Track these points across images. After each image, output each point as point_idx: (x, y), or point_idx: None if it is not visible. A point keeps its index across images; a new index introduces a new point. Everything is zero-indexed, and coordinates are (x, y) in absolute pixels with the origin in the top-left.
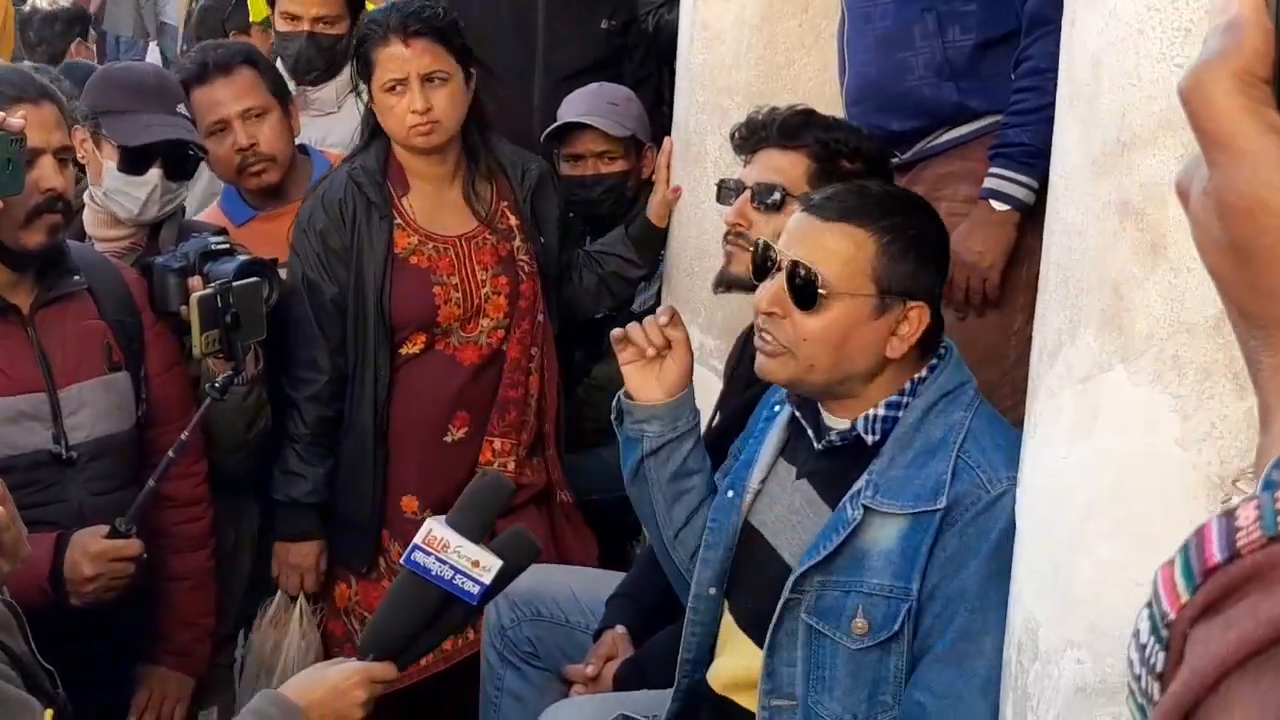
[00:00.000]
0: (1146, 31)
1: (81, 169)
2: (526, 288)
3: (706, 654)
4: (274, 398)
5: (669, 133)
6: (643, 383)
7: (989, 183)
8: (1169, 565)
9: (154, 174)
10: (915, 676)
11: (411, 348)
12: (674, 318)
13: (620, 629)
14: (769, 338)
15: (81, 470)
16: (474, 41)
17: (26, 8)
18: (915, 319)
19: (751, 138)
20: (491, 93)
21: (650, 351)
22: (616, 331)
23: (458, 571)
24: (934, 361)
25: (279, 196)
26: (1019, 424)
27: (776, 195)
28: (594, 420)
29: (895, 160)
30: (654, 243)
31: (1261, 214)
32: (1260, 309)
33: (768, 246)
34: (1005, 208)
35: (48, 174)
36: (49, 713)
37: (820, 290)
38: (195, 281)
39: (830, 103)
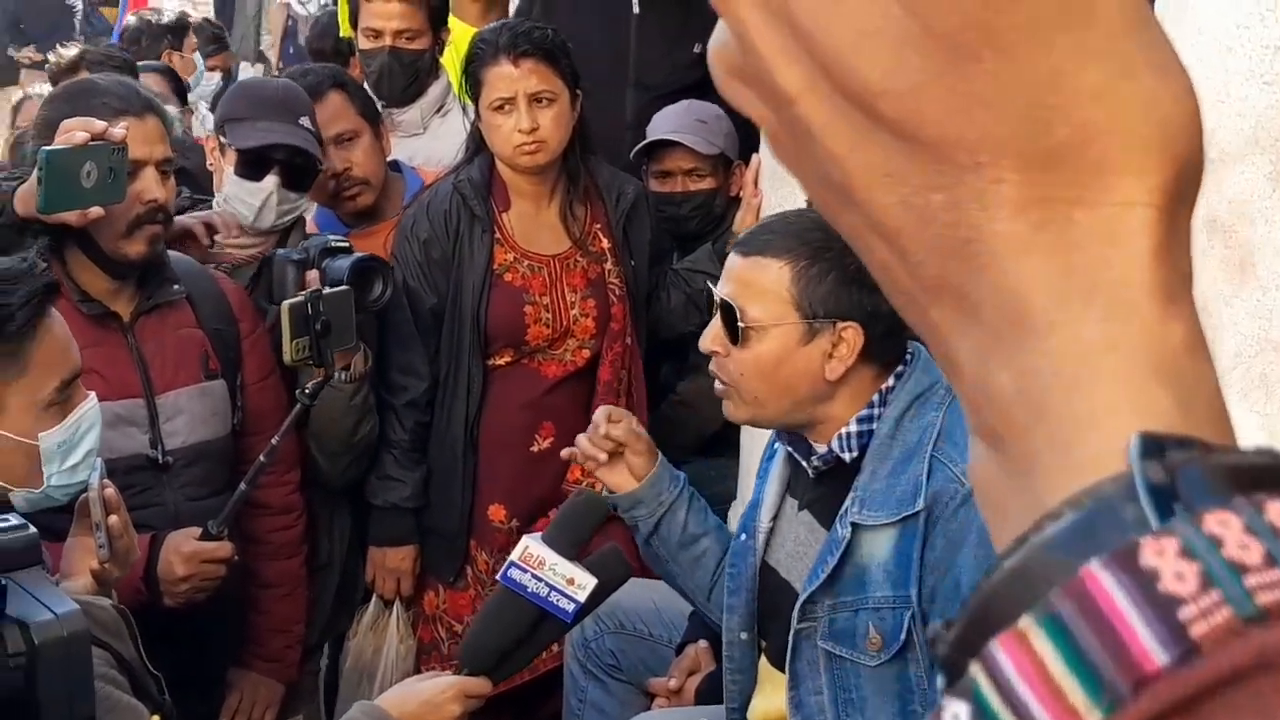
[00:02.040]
0: (1235, 49)
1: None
2: (617, 310)
3: (750, 699)
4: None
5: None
6: (618, 481)
7: None
8: (1023, 648)
9: (270, 181)
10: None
11: (498, 360)
12: (609, 417)
13: (703, 643)
14: (718, 378)
15: (177, 475)
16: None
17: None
18: (850, 339)
19: None
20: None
21: (603, 458)
22: (565, 453)
23: (553, 589)
24: (900, 369)
25: (373, 216)
26: None
27: None
28: (680, 436)
29: None
30: None
31: None
32: (988, 128)
33: (710, 289)
34: None
35: (150, 185)
36: (155, 718)
37: (741, 324)
38: (312, 275)
39: None
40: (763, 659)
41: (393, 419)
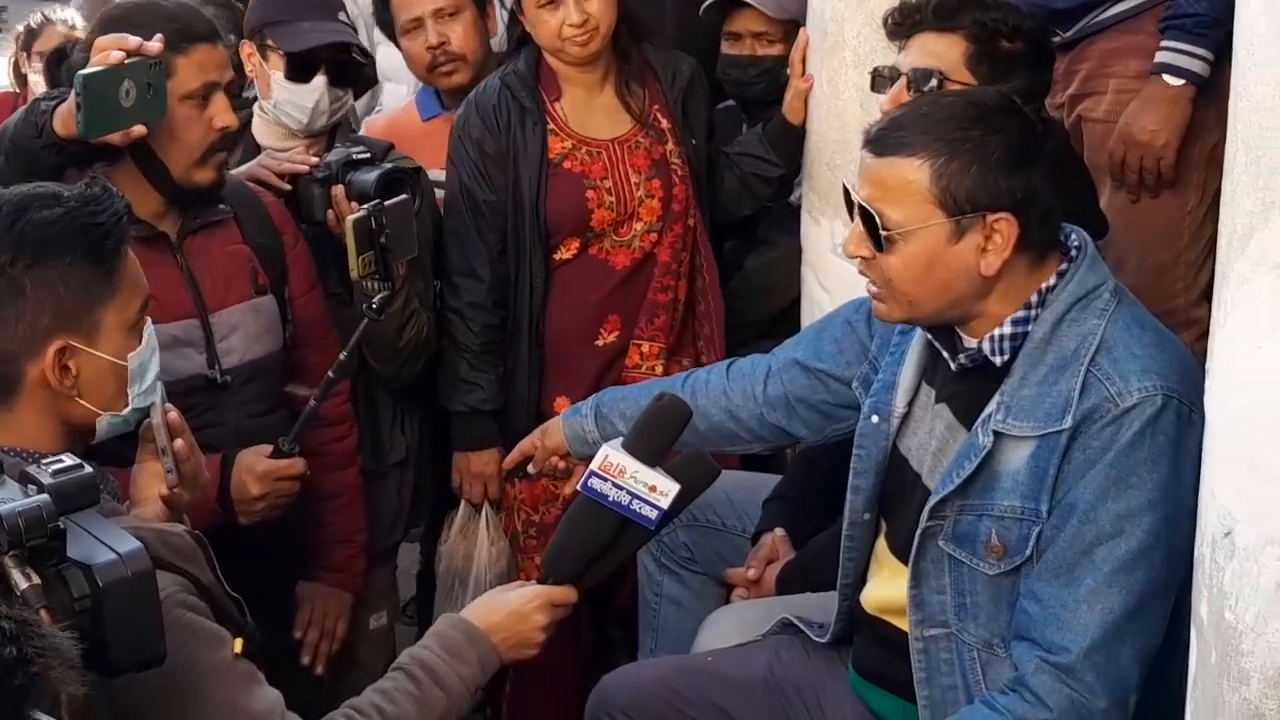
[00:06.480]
0: None
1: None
2: (679, 191)
3: (865, 578)
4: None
5: None
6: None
7: (1161, 56)
8: None
9: (319, 81)
10: (1026, 585)
11: (565, 254)
12: None
13: (780, 531)
14: (869, 280)
15: (236, 394)
16: None
17: None
18: (1004, 230)
19: (905, 22)
20: None
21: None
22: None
23: (635, 496)
24: (1064, 266)
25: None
26: (1191, 306)
27: (934, 81)
28: (746, 313)
29: (1058, 39)
30: (791, 141)
31: None
32: None
33: (846, 190)
34: (1179, 82)
35: (222, 111)
36: (238, 641)
37: (885, 231)
38: (338, 190)
39: None
40: (880, 542)
41: (460, 322)
